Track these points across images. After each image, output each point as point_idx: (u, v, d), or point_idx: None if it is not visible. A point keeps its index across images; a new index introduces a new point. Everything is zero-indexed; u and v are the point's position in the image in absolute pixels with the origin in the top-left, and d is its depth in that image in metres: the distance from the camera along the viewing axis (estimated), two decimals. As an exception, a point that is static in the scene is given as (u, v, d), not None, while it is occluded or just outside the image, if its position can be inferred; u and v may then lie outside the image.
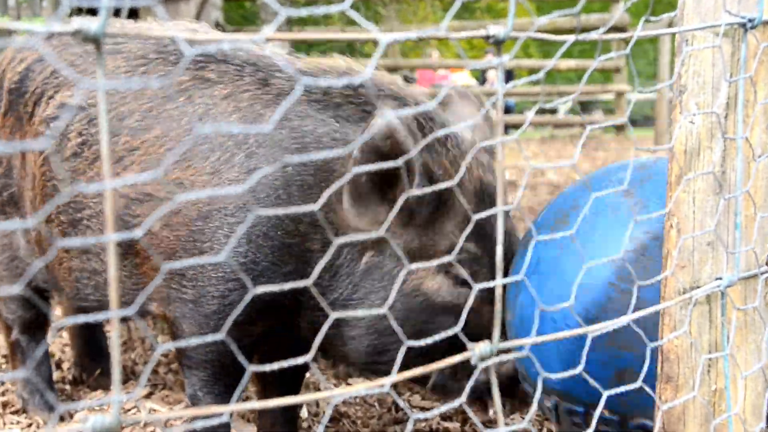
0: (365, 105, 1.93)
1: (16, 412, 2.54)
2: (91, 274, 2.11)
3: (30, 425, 2.48)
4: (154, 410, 2.59)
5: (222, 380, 2.00)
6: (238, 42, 0.83)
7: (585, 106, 16.03)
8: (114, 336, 0.82)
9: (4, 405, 2.57)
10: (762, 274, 1.34)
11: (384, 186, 1.79)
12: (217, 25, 9.72)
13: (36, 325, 2.50)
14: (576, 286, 1.28)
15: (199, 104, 1.96)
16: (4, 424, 2.48)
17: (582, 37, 1.12)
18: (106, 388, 2.74)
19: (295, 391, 2.25)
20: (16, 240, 2.36)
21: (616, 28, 10.69)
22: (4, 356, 2.91)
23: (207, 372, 2.00)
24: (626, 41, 1.22)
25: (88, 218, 2.05)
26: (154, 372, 2.87)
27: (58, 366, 2.92)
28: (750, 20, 1.26)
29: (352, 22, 9.77)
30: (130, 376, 2.86)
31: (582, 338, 1.23)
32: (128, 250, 1.99)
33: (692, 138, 1.32)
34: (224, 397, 2.03)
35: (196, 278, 1.92)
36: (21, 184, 2.26)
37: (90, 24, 0.80)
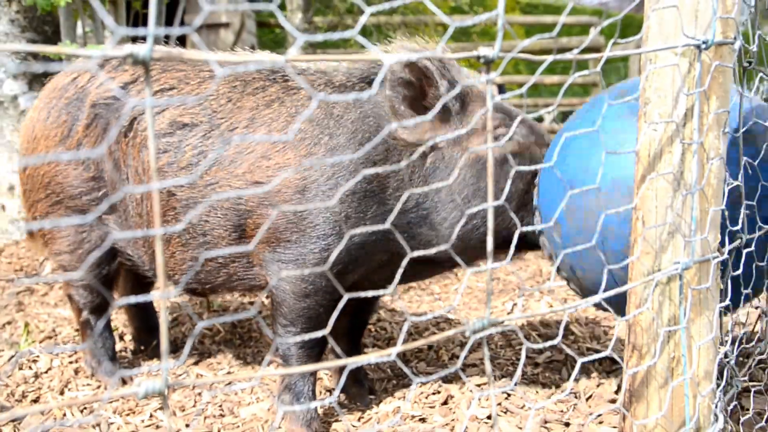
0: None
1: (86, 377, 2.57)
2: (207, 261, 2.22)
3: (97, 388, 2.50)
4: (200, 375, 2.60)
5: (311, 333, 2.07)
6: (262, 63, 0.83)
7: (566, 115, 15.96)
8: (162, 313, 0.83)
9: (76, 371, 2.60)
10: (714, 259, 1.33)
11: (418, 103, 2.02)
12: (252, 48, 9.73)
13: (101, 307, 2.53)
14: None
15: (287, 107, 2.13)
16: (77, 386, 2.50)
17: (559, 57, 1.12)
18: (160, 357, 2.75)
19: (360, 338, 2.51)
20: (95, 235, 2.38)
21: (591, 49, 10.62)
22: (77, 330, 2.94)
23: (300, 327, 2.09)
24: (599, 60, 1.21)
25: (205, 215, 2.14)
26: (201, 343, 2.88)
27: (121, 338, 2.94)
28: (704, 42, 1.25)
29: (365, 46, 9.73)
30: (180, 347, 2.88)
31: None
32: (241, 234, 2.13)
33: (655, 143, 1.32)
34: (312, 351, 2.13)
35: (299, 240, 2.03)
36: (116, 188, 2.28)
37: (139, 49, 0.80)
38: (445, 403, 2.29)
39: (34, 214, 2.44)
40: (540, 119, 12.66)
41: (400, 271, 1.02)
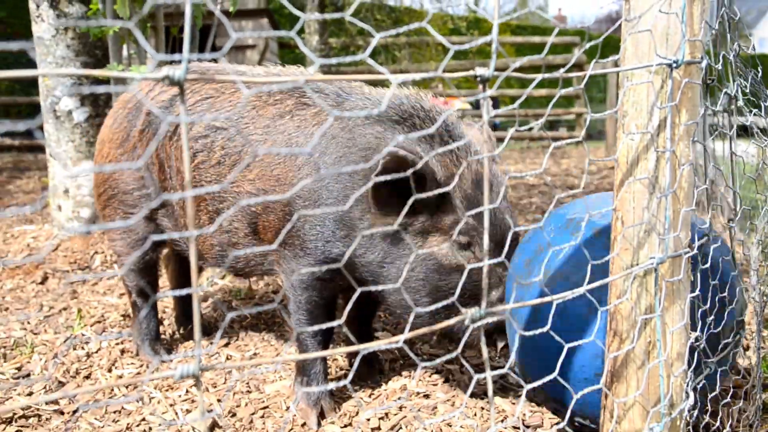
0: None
1: (131, 357, 2.57)
2: (229, 247, 2.21)
3: (141, 366, 2.50)
4: (230, 356, 2.60)
5: (316, 321, 2.07)
6: (284, 83, 0.82)
7: (553, 124, 15.88)
8: (195, 307, 0.82)
9: (123, 352, 2.60)
10: (685, 254, 1.32)
11: (400, 193, 1.78)
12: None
13: (147, 292, 2.56)
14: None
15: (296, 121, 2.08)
16: (122, 365, 2.50)
17: (547, 76, 1.10)
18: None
19: (370, 320, 2.48)
20: (143, 227, 2.42)
21: (575, 66, 10.57)
22: (123, 316, 2.95)
23: (306, 315, 2.07)
24: (582, 77, 1.21)
25: (226, 208, 2.14)
26: (231, 327, 2.88)
27: (161, 323, 2.94)
28: (675, 61, 1.24)
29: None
30: (213, 330, 2.88)
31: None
32: (254, 229, 2.11)
33: (632, 151, 1.30)
34: (322, 338, 2.11)
35: (293, 246, 2.00)
36: (163, 185, 2.32)
37: (175, 71, 0.79)
38: (446, 381, 2.28)
39: (98, 206, 2.53)
40: (530, 129, 12.62)
41: (403, 273, 1.01)
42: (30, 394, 2.27)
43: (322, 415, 2.07)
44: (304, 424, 2.04)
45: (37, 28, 3.98)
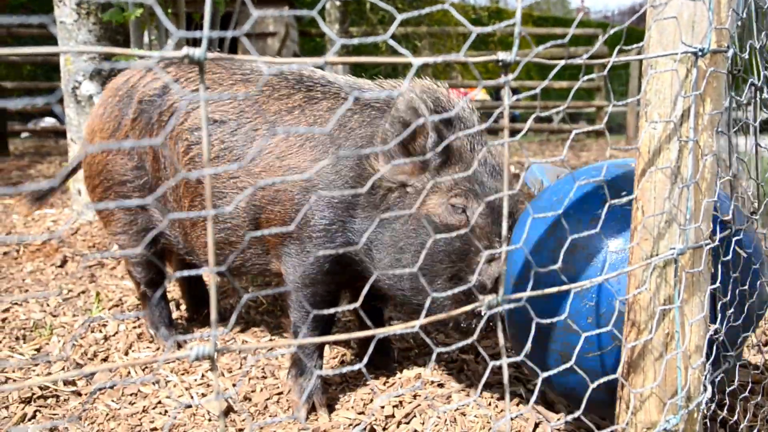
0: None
1: (148, 341, 2.60)
2: (226, 246, 2.18)
3: (157, 350, 2.53)
4: (246, 341, 2.62)
5: (318, 318, 2.05)
6: (304, 64, 0.82)
7: (573, 117, 15.74)
8: (212, 287, 0.82)
9: (139, 335, 2.62)
10: (706, 245, 1.30)
11: (407, 146, 1.89)
12: (295, 55, 9.74)
13: (156, 281, 2.55)
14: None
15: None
16: (139, 348, 2.53)
17: (569, 62, 1.09)
18: (210, 325, 2.77)
19: (381, 318, 2.45)
20: (142, 217, 2.38)
21: (596, 56, 10.46)
22: (139, 300, 2.98)
23: (304, 310, 2.05)
24: (604, 66, 1.19)
25: (225, 204, 2.10)
26: (246, 313, 2.90)
27: (177, 307, 2.97)
28: (700, 50, 1.22)
29: (395, 51, 9.71)
30: (227, 316, 2.89)
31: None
32: (256, 225, 2.08)
33: (654, 140, 1.29)
34: (317, 326, 2.08)
35: (300, 239, 1.98)
36: (157, 175, 2.27)
37: (195, 51, 0.80)
38: (461, 370, 2.28)
39: (93, 198, 2.47)
40: (549, 119, 12.52)
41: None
42: (49, 374, 2.30)
43: (313, 410, 2.05)
44: (315, 411, 2.05)
45: (59, 12, 4.00)
